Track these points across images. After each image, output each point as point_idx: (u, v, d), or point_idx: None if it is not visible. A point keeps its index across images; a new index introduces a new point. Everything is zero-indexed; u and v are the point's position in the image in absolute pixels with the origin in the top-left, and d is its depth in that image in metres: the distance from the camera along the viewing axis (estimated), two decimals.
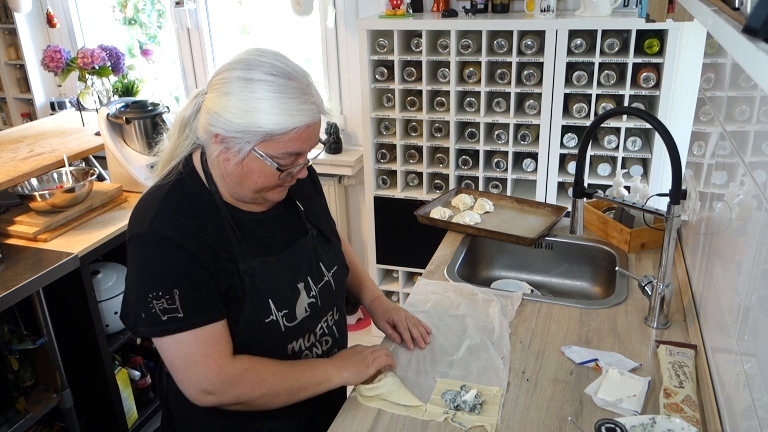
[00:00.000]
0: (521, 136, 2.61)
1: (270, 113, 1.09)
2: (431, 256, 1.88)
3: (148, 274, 1.13)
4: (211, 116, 1.12)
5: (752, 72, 0.62)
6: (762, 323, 0.93)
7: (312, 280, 1.29)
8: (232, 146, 1.12)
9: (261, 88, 1.09)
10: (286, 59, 1.15)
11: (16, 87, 3.96)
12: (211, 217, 1.18)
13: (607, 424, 1.12)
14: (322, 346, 1.34)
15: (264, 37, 3.60)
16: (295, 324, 1.25)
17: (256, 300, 1.19)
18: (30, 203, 2.26)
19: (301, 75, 1.14)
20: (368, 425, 1.22)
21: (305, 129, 1.13)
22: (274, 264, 1.23)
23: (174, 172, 1.20)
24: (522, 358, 1.40)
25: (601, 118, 1.54)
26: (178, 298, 1.11)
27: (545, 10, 2.45)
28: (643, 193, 1.94)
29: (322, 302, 1.32)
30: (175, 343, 1.13)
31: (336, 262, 1.38)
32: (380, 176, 2.94)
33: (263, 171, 1.14)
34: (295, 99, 1.10)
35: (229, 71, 1.13)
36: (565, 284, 1.95)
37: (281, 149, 1.12)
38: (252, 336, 1.20)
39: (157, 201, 1.17)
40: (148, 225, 1.13)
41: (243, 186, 1.18)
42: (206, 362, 1.13)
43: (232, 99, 1.10)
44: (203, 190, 1.20)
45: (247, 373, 1.16)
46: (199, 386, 1.14)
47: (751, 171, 1.06)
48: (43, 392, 2.17)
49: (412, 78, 2.69)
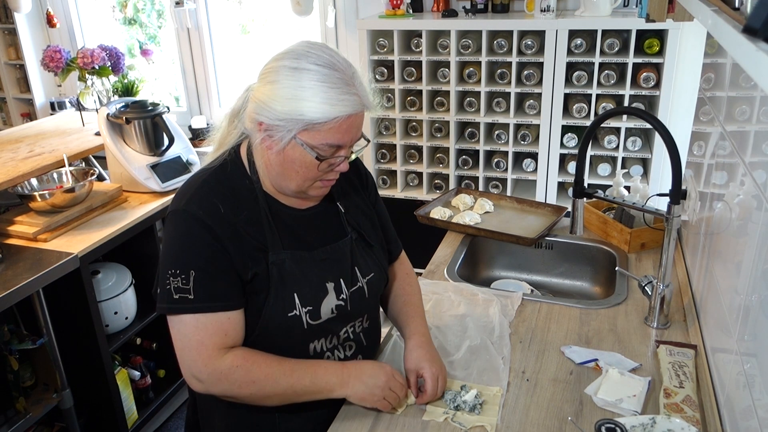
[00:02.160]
0: (521, 136, 2.61)
1: (312, 101, 1.10)
2: (431, 256, 1.88)
3: (172, 251, 1.16)
4: (258, 105, 1.14)
5: (752, 72, 0.62)
6: (762, 323, 0.93)
7: (345, 282, 1.27)
8: (274, 134, 1.13)
9: (306, 77, 1.10)
10: (333, 51, 1.16)
11: (16, 87, 3.96)
12: (247, 203, 1.20)
13: (607, 424, 1.12)
14: (345, 351, 1.31)
15: (264, 37, 3.60)
16: (318, 323, 1.23)
17: (281, 292, 1.19)
18: (30, 203, 2.26)
19: (346, 67, 1.14)
20: (368, 425, 1.22)
21: (346, 119, 1.12)
22: (306, 259, 1.23)
23: (221, 157, 1.23)
24: (522, 358, 1.40)
25: (601, 118, 1.54)
26: (192, 280, 1.13)
27: (545, 10, 2.45)
28: (643, 193, 1.94)
29: (352, 307, 1.28)
30: (179, 323, 1.15)
31: (374, 269, 1.34)
32: (380, 176, 2.94)
33: (303, 160, 1.15)
34: (337, 89, 1.11)
35: (277, 61, 1.15)
36: (565, 284, 1.95)
37: (322, 139, 1.13)
38: (275, 330, 1.20)
39: (199, 182, 1.20)
40: (185, 204, 1.17)
41: (285, 176, 1.18)
42: (199, 350, 1.15)
43: (277, 87, 1.11)
44: (245, 177, 1.22)
45: (237, 371, 1.15)
46: (189, 370, 1.16)
47: (751, 171, 1.06)
48: (43, 392, 2.17)
49: (412, 78, 2.70)
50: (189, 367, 1.16)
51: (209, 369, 1.15)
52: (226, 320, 1.16)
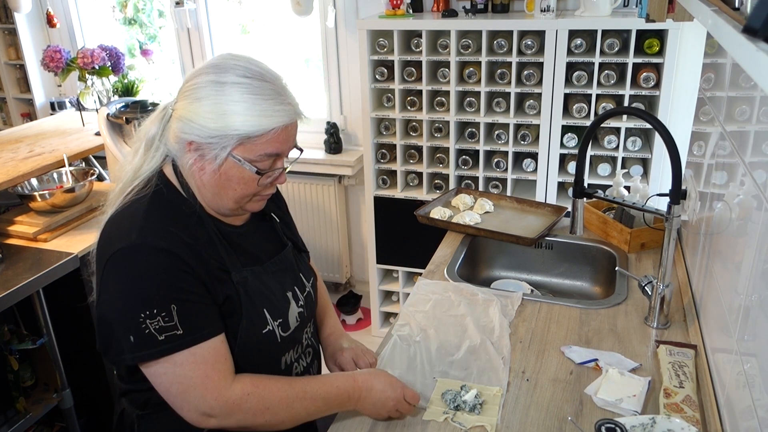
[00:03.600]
0: (521, 136, 2.61)
1: (245, 115, 1.06)
2: (431, 256, 1.88)
3: (138, 292, 1.05)
4: (184, 123, 1.08)
5: (752, 72, 0.62)
6: (762, 323, 0.93)
7: (298, 290, 1.28)
8: (207, 153, 1.09)
9: (234, 91, 1.06)
10: (259, 62, 1.13)
11: (16, 87, 3.96)
12: (197, 227, 1.14)
13: (607, 424, 1.12)
14: (306, 358, 1.32)
15: (264, 37, 3.60)
16: (288, 334, 1.23)
17: (252, 310, 1.16)
18: (30, 203, 2.26)
19: (275, 77, 1.12)
20: (368, 425, 1.22)
21: (283, 130, 1.10)
22: (263, 273, 1.21)
23: (149, 186, 1.14)
24: (522, 358, 1.40)
25: (601, 118, 1.54)
26: (176, 314, 1.05)
27: (545, 10, 2.45)
28: (643, 193, 1.94)
29: (308, 312, 1.31)
30: (171, 365, 1.06)
31: (311, 273, 1.38)
32: (380, 176, 2.94)
33: (242, 177, 1.11)
34: (270, 100, 1.08)
35: (199, 76, 1.09)
36: (565, 284, 1.95)
37: (259, 151, 1.09)
38: (250, 350, 1.16)
39: (140, 214, 1.10)
40: (137, 238, 1.06)
41: (222, 196, 1.14)
42: (205, 384, 1.07)
43: (204, 104, 1.07)
44: (183, 202, 1.15)
45: (249, 399, 1.10)
46: (198, 410, 1.08)
47: (751, 171, 1.06)
48: (43, 392, 2.17)
49: (412, 78, 2.69)
50: (197, 406, 1.08)
51: (220, 402, 1.08)
52: (220, 344, 1.11)
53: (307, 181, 3.29)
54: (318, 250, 3.43)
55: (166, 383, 1.09)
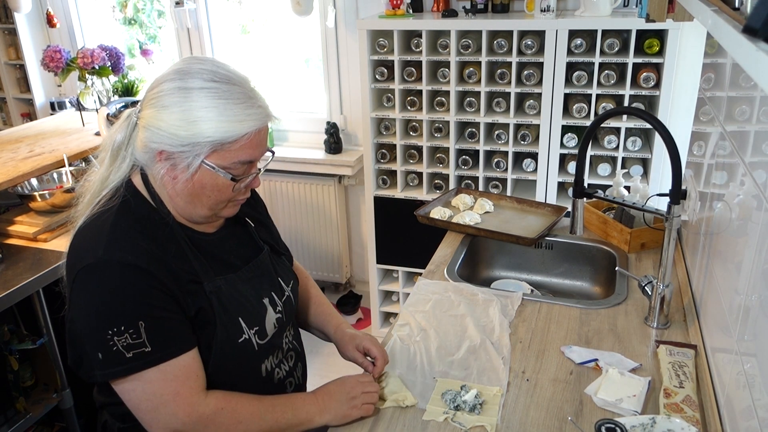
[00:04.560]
0: (521, 136, 2.61)
1: (217, 121, 1.03)
2: (431, 256, 1.88)
3: (106, 308, 1.03)
4: (152, 132, 1.05)
5: (752, 72, 0.62)
6: (762, 323, 0.93)
7: (276, 295, 1.26)
8: (179, 162, 1.06)
9: (203, 96, 1.04)
10: (225, 65, 1.10)
11: (16, 87, 3.96)
12: (167, 238, 1.11)
13: (607, 424, 1.12)
14: (289, 362, 1.31)
15: (264, 37, 3.60)
16: (266, 341, 1.22)
17: (226, 320, 1.14)
18: (30, 203, 2.26)
19: (243, 80, 1.09)
20: (368, 425, 1.22)
21: (256, 134, 1.08)
22: (237, 281, 1.19)
23: (116, 196, 1.12)
24: (522, 358, 1.40)
25: (601, 118, 1.54)
26: (144, 330, 1.03)
27: (545, 10, 2.45)
28: (643, 193, 1.94)
29: (286, 317, 1.29)
30: (141, 382, 1.05)
31: (291, 276, 1.35)
32: (380, 176, 2.94)
33: (216, 184, 1.09)
34: (241, 104, 1.06)
35: (164, 83, 1.06)
36: (565, 284, 1.95)
37: (233, 158, 1.07)
38: (227, 360, 1.15)
39: (107, 227, 1.07)
40: (104, 253, 1.04)
41: (195, 204, 1.12)
42: (176, 401, 1.06)
43: (172, 111, 1.04)
44: (153, 212, 1.12)
45: (222, 413, 1.09)
46: (169, 426, 1.06)
47: (751, 171, 1.06)
48: (43, 392, 2.17)
49: (412, 78, 2.69)
50: (168, 423, 1.06)
51: (193, 418, 1.07)
52: (191, 361, 1.09)
53: (307, 181, 3.30)
54: (318, 250, 3.43)
55: (135, 400, 1.07)
